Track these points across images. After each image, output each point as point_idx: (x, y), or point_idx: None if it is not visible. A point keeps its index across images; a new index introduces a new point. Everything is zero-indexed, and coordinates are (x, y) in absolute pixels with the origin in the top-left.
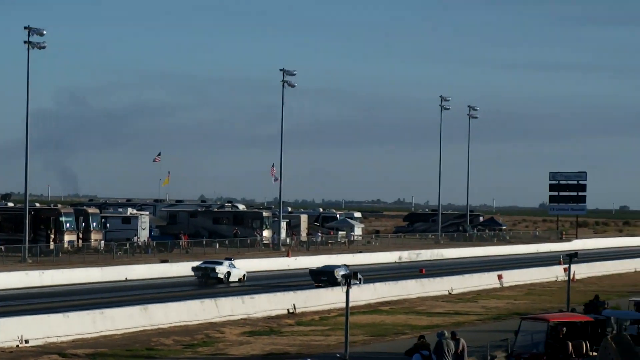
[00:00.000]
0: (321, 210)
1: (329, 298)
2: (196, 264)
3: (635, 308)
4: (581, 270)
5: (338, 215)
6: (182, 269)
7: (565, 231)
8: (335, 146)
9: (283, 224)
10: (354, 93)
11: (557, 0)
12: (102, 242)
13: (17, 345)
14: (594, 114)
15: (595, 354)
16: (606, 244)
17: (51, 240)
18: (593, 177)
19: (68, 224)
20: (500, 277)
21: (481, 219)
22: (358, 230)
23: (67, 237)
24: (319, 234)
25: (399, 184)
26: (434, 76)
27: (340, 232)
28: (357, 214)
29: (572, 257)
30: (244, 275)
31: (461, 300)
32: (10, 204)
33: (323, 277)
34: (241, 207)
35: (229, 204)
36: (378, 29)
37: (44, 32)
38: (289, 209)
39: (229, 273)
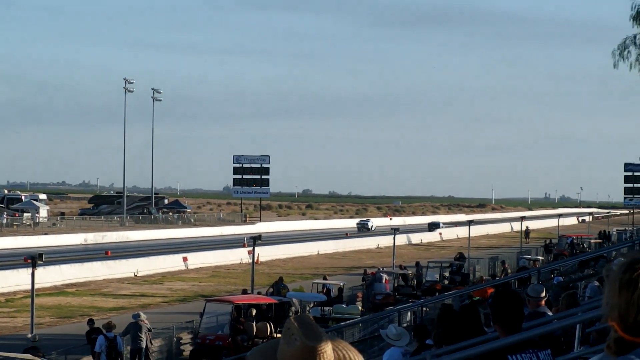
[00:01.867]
0: (6, 192)
1: (15, 280)
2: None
3: (324, 291)
4: (265, 253)
5: (23, 197)
6: None
7: (250, 214)
8: (19, 128)
9: None
10: (34, 75)
11: None
12: None
13: None
14: (277, 98)
15: (279, 335)
16: (290, 227)
17: None
18: (276, 161)
19: None
20: (185, 259)
21: (166, 201)
22: (43, 212)
23: None
24: (4, 216)
25: (84, 166)
26: (119, 60)
27: (25, 214)
28: (43, 196)
29: (256, 240)
30: (375, 226)
31: (147, 282)
32: None
33: (365, 228)
34: None
35: None
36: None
37: None
38: None
39: (372, 226)
